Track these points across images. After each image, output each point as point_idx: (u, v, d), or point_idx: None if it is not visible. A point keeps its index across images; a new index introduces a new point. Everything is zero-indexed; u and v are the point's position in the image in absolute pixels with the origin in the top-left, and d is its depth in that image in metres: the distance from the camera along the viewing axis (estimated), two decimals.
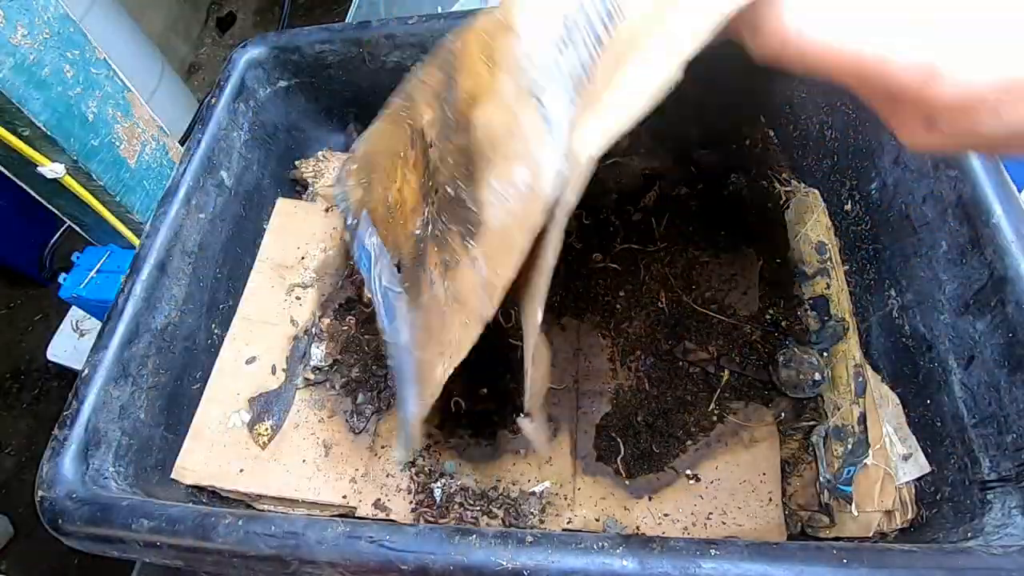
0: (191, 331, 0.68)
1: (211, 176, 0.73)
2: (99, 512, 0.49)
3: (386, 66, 0.81)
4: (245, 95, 0.79)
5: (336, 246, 0.79)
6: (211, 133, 0.73)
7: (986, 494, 0.47)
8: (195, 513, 0.47)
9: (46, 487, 0.52)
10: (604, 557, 0.40)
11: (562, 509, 0.59)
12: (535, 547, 0.41)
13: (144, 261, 0.64)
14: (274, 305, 0.75)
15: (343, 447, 0.65)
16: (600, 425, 0.63)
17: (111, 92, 1.00)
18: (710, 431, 0.62)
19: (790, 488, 0.59)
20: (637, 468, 0.61)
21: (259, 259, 0.78)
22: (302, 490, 0.62)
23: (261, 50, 0.80)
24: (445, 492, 0.61)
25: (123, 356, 0.60)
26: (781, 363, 0.62)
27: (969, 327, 0.53)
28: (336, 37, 0.79)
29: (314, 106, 0.87)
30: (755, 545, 0.40)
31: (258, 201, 0.81)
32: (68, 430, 0.55)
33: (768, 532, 0.56)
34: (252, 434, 0.66)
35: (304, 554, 0.44)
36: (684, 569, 0.39)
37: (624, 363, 0.66)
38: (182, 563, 0.48)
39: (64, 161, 0.95)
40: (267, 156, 0.83)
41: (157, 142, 1.10)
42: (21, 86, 0.85)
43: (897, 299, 0.62)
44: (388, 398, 0.67)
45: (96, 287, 1.13)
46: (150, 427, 0.62)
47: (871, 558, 0.38)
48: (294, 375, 0.70)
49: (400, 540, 0.43)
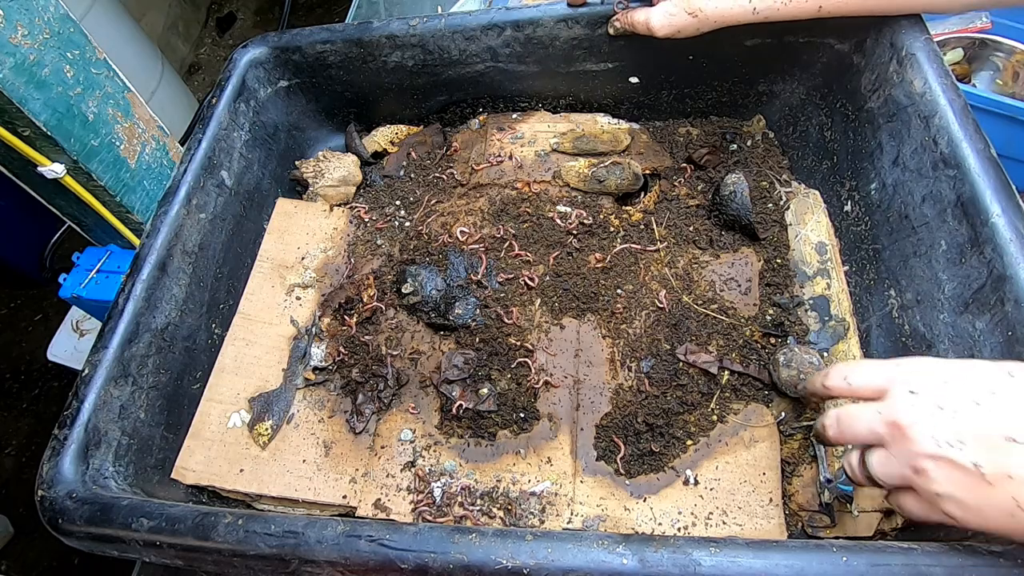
0: (191, 331, 0.68)
1: (211, 176, 0.73)
2: (99, 512, 0.49)
3: (387, 66, 0.81)
4: (246, 95, 0.79)
5: (336, 246, 0.79)
6: (212, 133, 0.73)
7: None
8: (195, 513, 0.47)
9: (46, 487, 0.52)
10: (604, 555, 0.40)
11: (562, 509, 0.59)
12: (535, 545, 0.41)
13: (144, 261, 0.64)
14: (274, 305, 0.75)
15: (343, 447, 0.65)
16: (600, 425, 0.63)
17: (111, 92, 1.00)
18: (710, 431, 0.62)
19: (790, 488, 0.59)
20: (637, 468, 0.61)
21: (259, 259, 0.78)
22: (302, 490, 0.62)
23: (262, 50, 0.80)
24: (445, 492, 0.61)
25: (123, 356, 0.60)
26: (781, 363, 0.62)
27: (969, 326, 0.53)
28: (337, 37, 0.79)
29: (314, 106, 0.87)
30: (755, 543, 0.40)
31: (258, 201, 0.81)
32: (68, 430, 0.55)
33: (768, 532, 0.56)
34: (252, 434, 0.66)
35: (304, 553, 0.44)
36: (684, 567, 0.39)
37: (624, 363, 0.66)
38: (182, 563, 0.48)
39: (64, 161, 0.95)
40: (267, 156, 0.83)
41: (157, 142, 1.10)
42: (21, 86, 0.85)
43: (897, 299, 0.62)
44: (388, 398, 0.67)
45: (96, 287, 1.12)
46: (150, 427, 0.62)
47: (871, 556, 0.38)
48: (294, 375, 0.70)
49: (400, 539, 0.43)
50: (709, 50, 0.74)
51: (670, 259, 0.71)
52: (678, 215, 0.75)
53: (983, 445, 0.35)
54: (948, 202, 0.56)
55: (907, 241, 0.61)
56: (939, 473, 0.37)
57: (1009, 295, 0.49)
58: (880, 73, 0.66)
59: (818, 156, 0.76)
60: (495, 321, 0.69)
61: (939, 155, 0.57)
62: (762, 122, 0.82)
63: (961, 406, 0.37)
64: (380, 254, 0.77)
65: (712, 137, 0.82)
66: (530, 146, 0.82)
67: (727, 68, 0.78)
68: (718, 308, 0.68)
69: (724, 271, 0.70)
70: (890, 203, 0.64)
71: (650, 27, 0.68)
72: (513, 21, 0.76)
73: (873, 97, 0.67)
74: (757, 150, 0.80)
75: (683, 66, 0.78)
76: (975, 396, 0.37)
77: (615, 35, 0.74)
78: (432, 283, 0.71)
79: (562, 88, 0.84)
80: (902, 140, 0.62)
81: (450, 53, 0.79)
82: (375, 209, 0.82)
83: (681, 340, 0.66)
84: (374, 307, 0.72)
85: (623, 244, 0.72)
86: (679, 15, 0.66)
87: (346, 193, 0.84)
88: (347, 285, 0.75)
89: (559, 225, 0.74)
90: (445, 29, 0.77)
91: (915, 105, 0.61)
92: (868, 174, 0.67)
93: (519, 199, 0.77)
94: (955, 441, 0.36)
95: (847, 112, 0.71)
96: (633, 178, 0.76)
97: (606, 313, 0.69)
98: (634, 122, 0.85)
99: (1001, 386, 0.36)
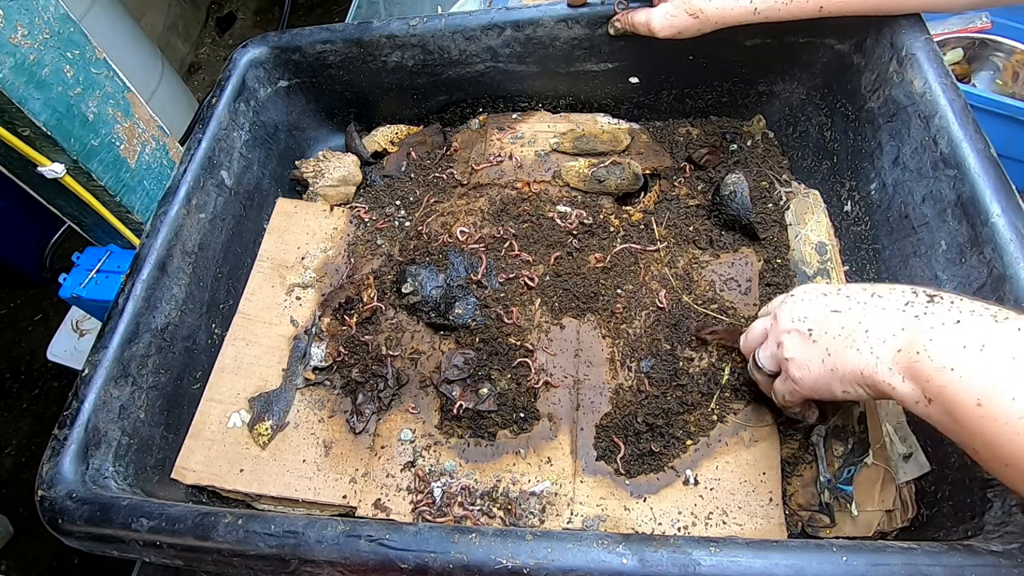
0: (191, 331, 0.68)
1: (211, 176, 0.73)
2: (99, 512, 0.49)
3: (387, 66, 0.81)
4: (246, 95, 0.79)
5: (336, 246, 0.79)
6: (211, 133, 0.73)
7: (986, 492, 0.47)
8: (195, 513, 0.47)
9: (46, 487, 0.52)
10: (604, 555, 0.40)
11: (562, 509, 0.59)
12: (535, 545, 0.41)
13: (144, 261, 0.64)
14: (274, 305, 0.75)
15: (343, 447, 0.65)
16: (600, 425, 0.63)
17: (111, 92, 1.00)
18: (710, 431, 0.62)
19: (790, 488, 0.59)
20: (637, 468, 0.61)
21: (259, 259, 0.78)
22: (302, 490, 0.62)
23: (262, 50, 0.80)
24: (445, 492, 0.61)
25: (123, 356, 0.60)
26: None
27: None
28: (337, 37, 0.79)
29: (314, 106, 0.87)
30: (755, 542, 0.40)
31: (258, 201, 0.81)
32: (68, 430, 0.55)
33: (768, 532, 0.56)
34: (252, 434, 0.66)
35: (304, 553, 0.44)
36: (684, 567, 0.39)
37: (624, 363, 0.66)
38: (182, 562, 0.48)
39: (64, 161, 0.95)
40: (267, 156, 0.83)
41: (157, 142, 1.10)
42: (21, 86, 0.85)
43: None
44: (388, 398, 0.67)
45: (96, 287, 1.12)
46: (150, 427, 0.62)
47: (871, 556, 0.38)
48: (294, 375, 0.70)
49: (399, 539, 0.43)
50: (709, 50, 0.74)
51: (670, 259, 0.71)
52: (678, 215, 0.75)
53: (816, 317, 0.49)
54: (948, 202, 0.56)
55: (907, 241, 0.61)
56: (790, 341, 0.50)
57: (1009, 295, 0.49)
58: (880, 73, 0.66)
59: (818, 156, 0.76)
60: (495, 321, 0.69)
61: (939, 155, 0.57)
62: (762, 122, 0.82)
63: (814, 296, 0.50)
64: (380, 254, 0.77)
65: (712, 137, 0.82)
66: (530, 146, 0.82)
67: (727, 68, 0.78)
68: (718, 308, 0.68)
69: (724, 271, 0.70)
70: (890, 203, 0.64)
71: (651, 28, 0.68)
72: (513, 21, 0.76)
73: (873, 97, 0.67)
74: (757, 150, 0.80)
75: (683, 66, 0.78)
76: (823, 290, 0.51)
77: (615, 36, 0.74)
78: (432, 283, 0.71)
79: (562, 88, 0.84)
80: (902, 140, 0.62)
81: (450, 53, 0.79)
82: (375, 209, 0.82)
83: (681, 340, 0.66)
84: (374, 307, 0.72)
85: (623, 244, 0.72)
86: (680, 16, 0.66)
87: (346, 193, 0.84)
88: (347, 285, 0.75)
89: (559, 225, 0.74)
90: (445, 29, 0.77)
91: (915, 105, 0.61)
92: (868, 174, 0.67)
93: (519, 199, 0.77)
94: (801, 317, 0.50)
95: (847, 112, 0.71)
96: (633, 178, 0.76)
97: (606, 313, 0.69)
98: (634, 122, 0.85)
99: (844, 287, 0.50)
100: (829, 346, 0.47)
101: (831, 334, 0.47)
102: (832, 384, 0.47)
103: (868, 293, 0.47)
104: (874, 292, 0.46)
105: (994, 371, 0.37)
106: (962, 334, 0.39)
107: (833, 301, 0.48)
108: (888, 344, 0.43)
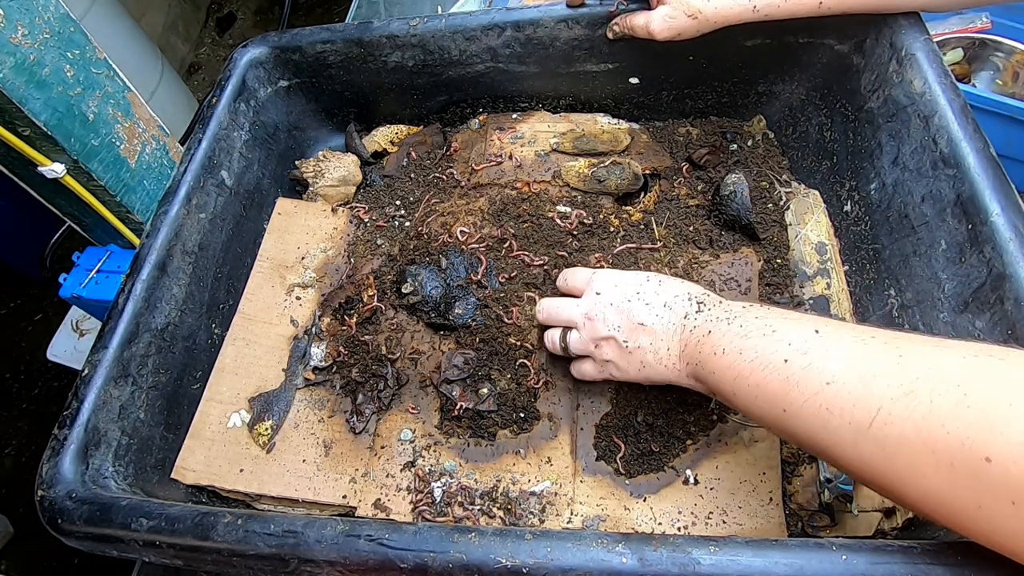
0: (191, 331, 0.68)
1: (211, 176, 0.73)
2: (99, 512, 0.49)
3: (387, 66, 0.81)
4: (246, 95, 0.79)
5: (336, 246, 0.79)
6: (212, 133, 0.74)
7: None
8: (195, 513, 0.47)
9: (46, 487, 0.52)
10: (604, 554, 0.40)
11: (562, 509, 0.59)
12: (535, 545, 0.41)
13: (144, 261, 0.64)
14: (274, 305, 0.75)
15: (343, 447, 0.65)
16: (600, 425, 0.63)
17: (111, 92, 1.00)
18: (710, 431, 0.62)
19: (790, 488, 0.59)
20: (637, 468, 0.61)
21: (259, 259, 0.78)
22: (302, 490, 0.62)
23: (262, 50, 0.80)
24: (445, 492, 0.61)
25: (123, 356, 0.60)
26: None
27: (969, 325, 0.53)
28: (337, 37, 0.79)
29: (314, 106, 0.88)
30: (755, 541, 0.40)
31: (258, 201, 0.81)
32: (68, 430, 0.55)
33: (768, 531, 0.56)
34: (252, 434, 0.66)
35: (303, 553, 0.44)
36: (684, 566, 0.39)
37: None
38: (182, 563, 0.48)
39: (64, 161, 0.95)
40: (267, 156, 0.83)
41: (157, 142, 1.10)
42: (21, 86, 0.85)
43: (897, 298, 0.62)
44: (388, 398, 0.67)
45: (96, 287, 1.13)
46: (150, 427, 0.62)
47: (871, 555, 0.38)
48: (294, 375, 0.70)
49: (399, 538, 0.43)
50: (709, 51, 0.74)
51: (670, 259, 0.71)
52: (678, 215, 0.75)
53: (628, 329, 0.55)
54: (948, 201, 0.56)
55: (907, 241, 0.61)
56: (607, 347, 0.57)
57: (1009, 294, 0.49)
58: (880, 73, 0.66)
59: (818, 156, 0.76)
60: (495, 321, 0.69)
61: (939, 155, 0.57)
62: (762, 122, 0.82)
63: (621, 303, 0.56)
64: (380, 254, 0.77)
65: (712, 137, 0.82)
66: (530, 146, 0.82)
67: (727, 68, 0.78)
68: None
69: (724, 271, 0.70)
70: (890, 203, 0.64)
71: (650, 31, 0.68)
72: (513, 22, 0.76)
73: (873, 97, 0.67)
74: (757, 150, 0.80)
75: (683, 67, 0.78)
76: (628, 295, 0.56)
77: (614, 39, 0.74)
78: (432, 283, 0.71)
79: (562, 88, 0.84)
80: (902, 140, 0.62)
81: (450, 53, 0.79)
82: (375, 209, 0.82)
83: None
84: (374, 307, 0.72)
85: (623, 244, 0.72)
86: (679, 18, 0.66)
87: (346, 193, 0.84)
88: (347, 285, 0.75)
89: (559, 225, 0.74)
90: (445, 29, 0.77)
91: (915, 105, 0.61)
92: (868, 174, 0.67)
93: (519, 199, 0.77)
94: (616, 327, 0.56)
95: (847, 112, 0.71)
96: (633, 178, 0.76)
97: None
98: (634, 122, 0.85)
99: (642, 287, 0.56)
100: (643, 360, 0.54)
101: (643, 348, 0.54)
102: (651, 382, 0.56)
103: (661, 302, 0.54)
104: (665, 301, 0.54)
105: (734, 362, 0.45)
106: (719, 340, 0.48)
107: (637, 312, 0.55)
108: (682, 358, 0.52)
